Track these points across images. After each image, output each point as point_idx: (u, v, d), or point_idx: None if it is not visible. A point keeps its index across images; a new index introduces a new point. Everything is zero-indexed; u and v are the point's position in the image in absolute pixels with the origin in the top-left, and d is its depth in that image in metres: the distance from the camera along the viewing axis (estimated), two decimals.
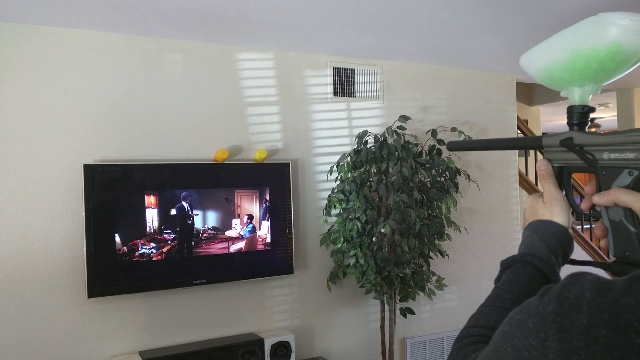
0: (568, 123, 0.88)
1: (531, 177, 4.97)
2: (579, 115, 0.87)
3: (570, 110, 0.88)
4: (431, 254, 3.44)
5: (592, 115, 0.93)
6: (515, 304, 0.74)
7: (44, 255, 2.83)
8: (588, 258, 4.91)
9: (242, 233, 3.19)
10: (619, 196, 0.76)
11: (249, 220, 3.20)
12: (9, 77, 2.78)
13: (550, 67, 0.89)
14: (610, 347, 0.52)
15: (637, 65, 0.85)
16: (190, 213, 3.06)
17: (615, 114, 5.83)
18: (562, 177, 0.89)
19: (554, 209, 0.87)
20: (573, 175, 0.92)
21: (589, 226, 5.70)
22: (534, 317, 0.59)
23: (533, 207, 0.91)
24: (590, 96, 0.88)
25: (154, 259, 2.97)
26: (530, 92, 6.59)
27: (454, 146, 1.06)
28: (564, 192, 0.89)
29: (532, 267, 0.82)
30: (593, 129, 8.41)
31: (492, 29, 3.15)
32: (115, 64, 3.02)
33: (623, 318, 0.52)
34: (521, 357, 0.59)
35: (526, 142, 0.96)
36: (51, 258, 2.85)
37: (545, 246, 0.84)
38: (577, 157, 0.84)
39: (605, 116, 7.72)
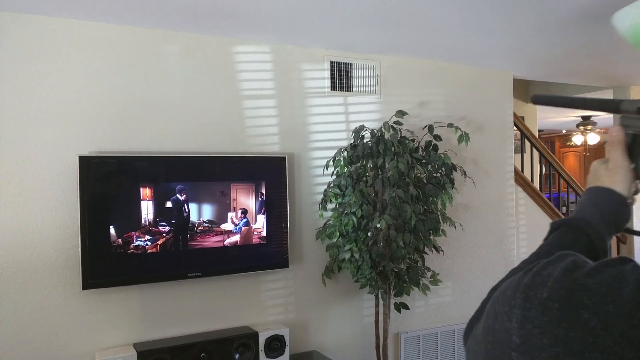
0: None
1: (526, 174, 4.98)
2: None
3: None
4: (426, 250, 3.45)
5: (588, 113, 0.92)
6: None
7: (38, 246, 2.82)
8: None
9: (235, 226, 3.18)
10: None
11: (242, 215, 3.20)
12: (4, 67, 2.76)
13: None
14: (559, 319, 0.57)
15: None
16: (185, 206, 3.06)
17: None
18: (634, 145, 0.84)
19: (616, 177, 0.85)
20: None
21: None
22: (512, 287, 0.65)
23: (596, 172, 0.88)
24: None
25: (148, 251, 2.96)
26: (527, 89, 6.59)
27: (538, 100, 1.03)
28: (636, 163, 0.84)
29: (579, 232, 0.82)
30: (589, 127, 8.42)
31: (490, 26, 3.15)
32: (112, 55, 3.00)
33: (576, 295, 0.58)
34: (496, 319, 0.65)
35: (604, 105, 0.92)
36: (46, 249, 2.84)
37: (598, 214, 0.83)
38: None
39: (602, 114, 7.72)
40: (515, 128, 4.52)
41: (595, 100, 0.93)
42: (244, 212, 3.21)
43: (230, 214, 3.18)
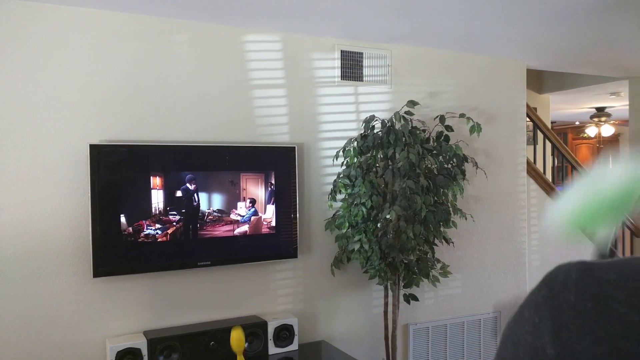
0: None
1: (539, 166, 4.93)
2: None
3: None
4: (436, 241, 3.43)
5: (602, 104, 0.93)
6: None
7: (49, 234, 2.84)
8: None
9: (242, 217, 3.18)
10: None
11: (250, 205, 3.20)
12: (16, 56, 2.77)
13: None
14: (595, 317, 0.55)
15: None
16: (195, 195, 3.06)
17: (627, 103, 5.76)
18: None
19: None
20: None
21: None
22: (527, 308, 0.62)
23: None
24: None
25: (159, 240, 2.97)
26: (540, 80, 6.52)
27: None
28: None
29: None
30: (603, 119, 8.33)
31: (503, 14, 3.11)
32: (122, 44, 3.00)
33: (605, 290, 0.56)
34: (519, 345, 0.61)
35: None
36: (57, 238, 2.86)
37: None
38: None
39: (616, 105, 7.63)
40: (527, 119, 4.47)
41: None
42: (252, 202, 3.21)
43: (240, 204, 3.18)
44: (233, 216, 3.16)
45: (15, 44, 2.77)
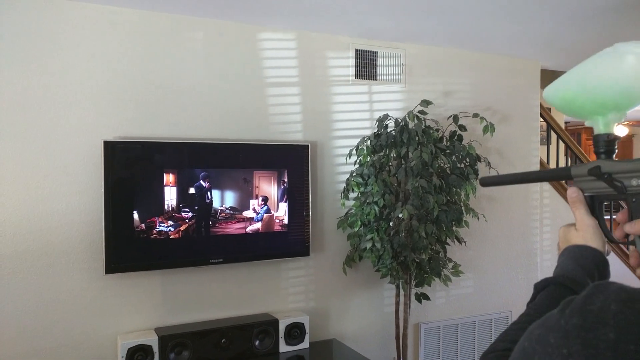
0: (595, 152, 0.89)
1: (552, 166, 4.90)
2: (605, 144, 0.88)
3: (596, 139, 0.89)
4: (448, 241, 3.41)
5: None
6: None
7: (63, 230, 2.86)
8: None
9: (257, 214, 3.19)
10: None
11: (263, 203, 3.20)
12: (31, 52, 2.78)
13: (573, 99, 0.91)
14: None
15: None
16: (208, 192, 3.07)
17: None
18: (594, 206, 0.89)
19: (587, 235, 0.87)
20: None
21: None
22: (555, 332, 0.56)
23: (566, 235, 0.91)
24: (615, 124, 0.89)
25: (171, 237, 2.98)
26: (554, 80, 6.47)
27: (485, 182, 1.07)
28: (598, 221, 0.89)
29: (565, 289, 0.81)
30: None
31: (519, 14, 3.08)
32: (137, 42, 3.01)
33: None
34: None
35: (555, 174, 0.97)
36: (70, 233, 2.87)
37: (580, 269, 0.83)
38: (606, 185, 0.83)
39: None
40: (541, 119, 4.44)
41: (545, 171, 0.98)
42: (265, 199, 3.21)
43: (253, 202, 3.18)
44: (245, 214, 3.16)
45: (30, 40, 2.78)
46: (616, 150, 0.88)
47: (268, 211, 3.22)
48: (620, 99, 0.84)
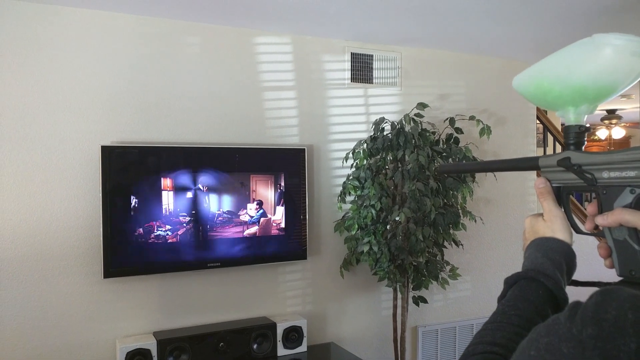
0: (565, 143, 0.88)
1: None
2: (576, 135, 0.87)
3: (567, 130, 0.88)
4: (445, 244, 3.42)
5: (613, 107, 0.92)
6: (522, 320, 0.73)
7: (61, 235, 2.87)
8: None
9: (251, 218, 3.19)
10: (624, 216, 0.75)
11: (258, 207, 3.20)
12: (28, 58, 2.80)
13: (545, 88, 0.89)
14: None
15: (632, 85, 0.85)
16: (205, 196, 3.07)
17: (638, 105, 5.73)
18: (561, 197, 0.89)
19: (555, 226, 0.86)
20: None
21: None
22: (567, 342, 0.54)
23: (533, 226, 0.90)
24: (586, 116, 0.88)
25: (169, 241, 2.99)
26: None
27: (443, 169, 1.05)
28: (565, 212, 0.89)
29: (537, 283, 0.80)
30: (614, 121, 8.28)
31: (514, 16, 3.10)
32: (134, 46, 3.02)
33: None
34: None
35: (521, 163, 0.95)
36: (68, 238, 2.88)
37: (549, 262, 0.82)
38: (575, 176, 0.83)
39: (627, 108, 7.59)
40: (537, 121, 4.45)
41: (510, 161, 0.96)
42: (260, 203, 3.21)
43: (250, 205, 3.19)
44: (243, 218, 3.17)
45: (27, 46, 2.80)
46: (585, 142, 0.87)
47: (264, 215, 3.23)
48: (594, 91, 0.83)
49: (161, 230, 2.97)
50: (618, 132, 8.64)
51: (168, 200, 2.99)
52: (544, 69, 0.89)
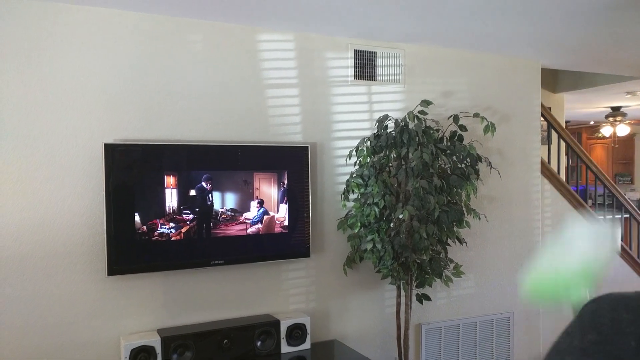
0: None
1: (553, 166, 4.89)
2: None
3: None
4: (449, 241, 3.42)
5: (618, 104, 0.91)
6: None
7: (64, 233, 2.87)
8: None
9: (254, 216, 3.19)
10: None
11: (259, 205, 3.20)
12: (31, 55, 2.80)
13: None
14: None
15: None
16: (209, 194, 3.08)
17: None
18: None
19: None
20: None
21: None
22: (570, 355, 0.55)
23: None
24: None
25: (172, 238, 2.99)
26: (555, 79, 6.47)
27: None
28: None
29: None
30: (619, 118, 8.24)
31: (518, 13, 3.09)
32: (137, 44, 3.02)
33: None
34: None
35: None
36: (72, 236, 2.89)
37: None
38: None
39: (632, 105, 7.55)
40: (542, 119, 4.44)
41: None
42: (261, 202, 3.21)
43: (253, 203, 3.19)
44: (246, 215, 3.17)
45: (29, 44, 2.80)
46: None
47: (266, 213, 3.23)
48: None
49: (165, 228, 2.97)
50: (622, 130, 8.60)
51: (171, 198, 2.99)
52: None
